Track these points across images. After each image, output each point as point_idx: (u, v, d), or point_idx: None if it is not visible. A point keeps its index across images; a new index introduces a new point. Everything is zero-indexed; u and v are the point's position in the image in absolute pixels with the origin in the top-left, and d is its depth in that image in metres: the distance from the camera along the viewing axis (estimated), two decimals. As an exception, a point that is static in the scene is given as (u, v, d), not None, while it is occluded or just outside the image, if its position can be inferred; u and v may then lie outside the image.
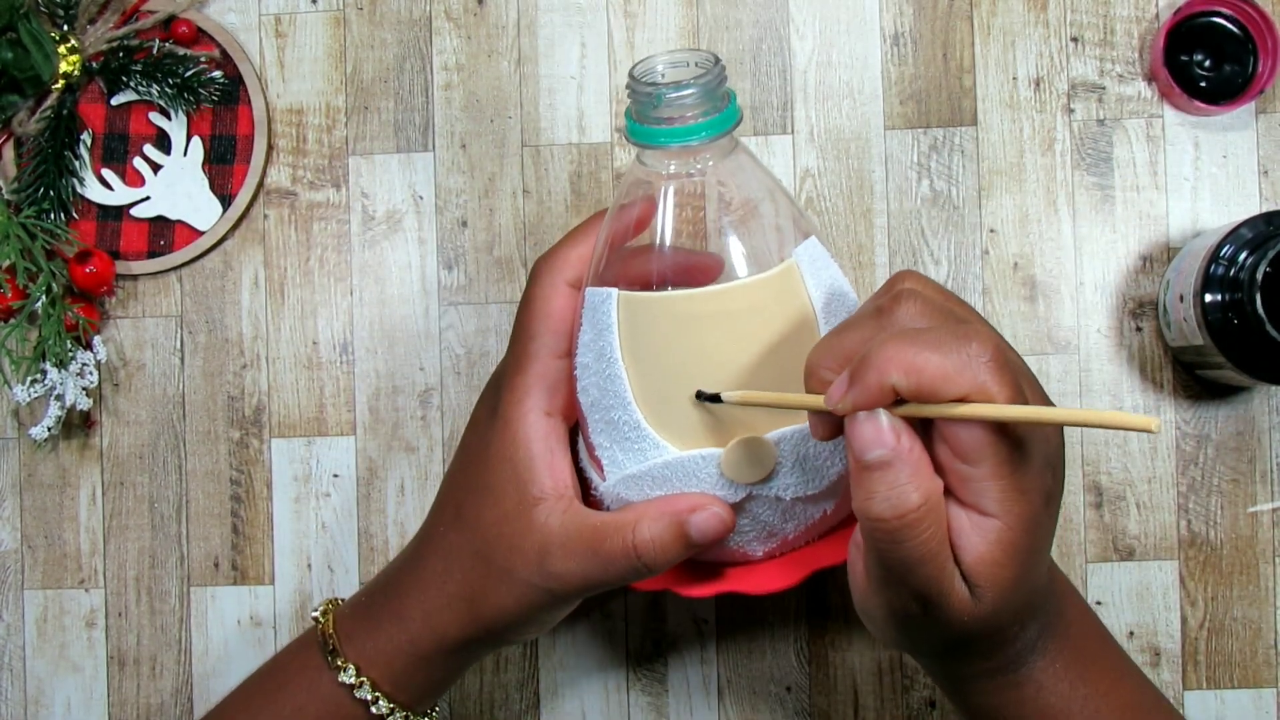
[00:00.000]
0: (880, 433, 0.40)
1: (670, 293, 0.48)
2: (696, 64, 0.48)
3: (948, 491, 0.42)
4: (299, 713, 0.52)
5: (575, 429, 0.53)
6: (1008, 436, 0.40)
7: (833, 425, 0.44)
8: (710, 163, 0.48)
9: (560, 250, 0.52)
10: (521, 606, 0.50)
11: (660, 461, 0.49)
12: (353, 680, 0.51)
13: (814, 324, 0.48)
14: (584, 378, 0.50)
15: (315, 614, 0.55)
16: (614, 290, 0.48)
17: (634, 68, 0.48)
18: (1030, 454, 0.41)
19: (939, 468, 0.42)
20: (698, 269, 0.50)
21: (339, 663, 0.52)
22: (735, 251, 0.49)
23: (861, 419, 0.41)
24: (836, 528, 0.53)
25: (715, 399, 0.47)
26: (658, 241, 0.49)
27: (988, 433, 0.40)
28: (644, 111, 0.47)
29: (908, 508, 0.40)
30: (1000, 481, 0.41)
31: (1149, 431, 0.37)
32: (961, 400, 0.40)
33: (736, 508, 0.49)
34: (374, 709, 0.52)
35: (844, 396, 0.41)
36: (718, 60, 0.47)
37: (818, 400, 0.43)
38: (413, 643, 0.52)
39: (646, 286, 0.49)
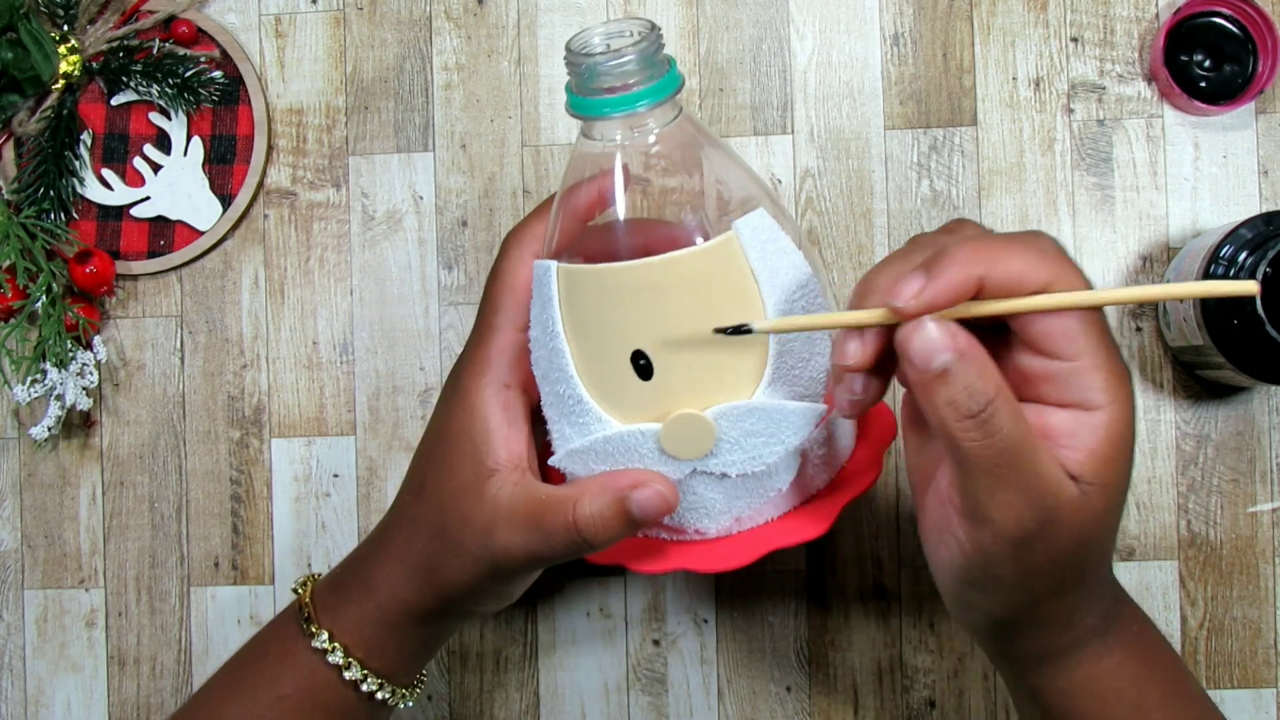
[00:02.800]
0: (941, 337, 0.40)
1: (603, 265, 0.47)
2: (636, 32, 0.47)
3: (1038, 400, 0.42)
4: (275, 681, 0.53)
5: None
6: (1096, 326, 0.41)
7: (871, 349, 0.43)
8: (654, 131, 0.48)
9: (527, 224, 0.52)
10: (472, 578, 0.50)
11: (601, 436, 0.48)
12: (325, 646, 0.52)
13: (756, 296, 0.47)
14: (535, 350, 0.50)
15: (294, 585, 0.55)
16: (553, 263, 0.48)
17: (571, 40, 0.47)
18: (1115, 344, 0.42)
19: (1021, 377, 0.42)
20: (651, 238, 0.50)
21: (313, 629, 0.52)
22: (676, 221, 0.48)
23: (914, 328, 0.41)
24: (795, 508, 0.53)
25: (744, 330, 0.46)
26: (604, 213, 0.49)
27: (1080, 322, 0.41)
28: (584, 83, 0.47)
29: (988, 397, 0.40)
30: (1102, 371, 0.41)
31: (1250, 294, 0.38)
32: (1041, 291, 0.41)
33: (681, 484, 0.49)
34: (347, 674, 0.52)
35: (919, 294, 0.40)
36: (654, 26, 0.47)
37: (873, 314, 0.42)
38: (381, 610, 0.52)
39: (594, 258, 0.49)
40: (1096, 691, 0.46)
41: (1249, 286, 0.38)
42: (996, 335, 0.43)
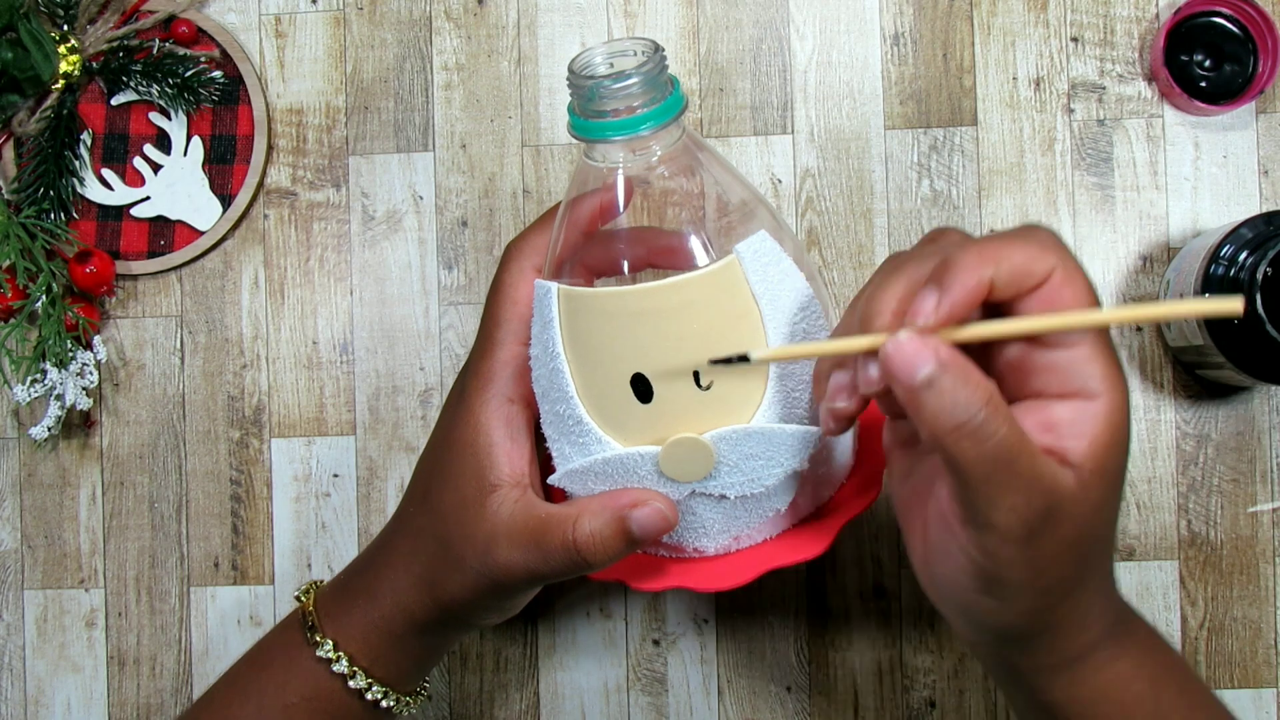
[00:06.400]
0: (921, 350, 0.40)
1: (604, 289, 0.47)
2: (640, 52, 0.47)
3: (1037, 394, 0.42)
4: (281, 689, 0.53)
5: None
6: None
7: (856, 401, 0.44)
8: (657, 153, 0.47)
9: (528, 236, 0.52)
10: (472, 594, 0.50)
11: (601, 458, 0.48)
12: (330, 655, 0.52)
13: (757, 319, 0.47)
14: (535, 369, 0.50)
15: (296, 593, 0.55)
16: (554, 285, 0.48)
17: (573, 61, 0.47)
18: (1109, 333, 0.43)
19: (1018, 372, 0.42)
20: (653, 248, 0.50)
21: (317, 639, 0.52)
22: (678, 239, 0.48)
23: (894, 345, 0.41)
24: (794, 527, 0.53)
25: (742, 359, 0.46)
26: (606, 233, 0.49)
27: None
28: (586, 105, 0.46)
29: (976, 405, 0.40)
30: (1100, 361, 0.42)
31: (1236, 314, 0.40)
32: (1044, 282, 0.41)
33: (680, 505, 0.49)
34: (352, 683, 0.52)
35: (936, 307, 0.41)
36: (658, 47, 0.46)
37: (863, 341, 0.42)
38: (385, 619, 0.52)
39: (596, 270, 0.49)
40: (1116, 697, 0.46)
41: (1235, 306, 0.40)
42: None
